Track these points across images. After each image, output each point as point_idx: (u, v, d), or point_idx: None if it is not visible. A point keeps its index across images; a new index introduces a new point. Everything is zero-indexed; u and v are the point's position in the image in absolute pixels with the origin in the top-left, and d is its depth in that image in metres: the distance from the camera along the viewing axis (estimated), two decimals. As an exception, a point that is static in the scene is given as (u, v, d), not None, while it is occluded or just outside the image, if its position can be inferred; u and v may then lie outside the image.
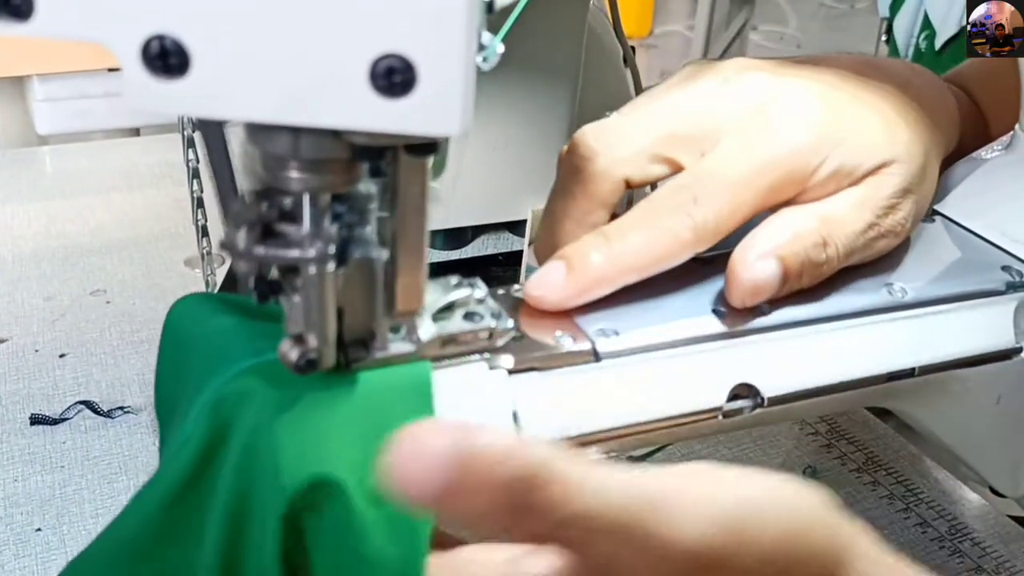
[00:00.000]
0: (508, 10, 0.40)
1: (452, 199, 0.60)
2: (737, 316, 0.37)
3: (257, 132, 0.27)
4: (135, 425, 0.64)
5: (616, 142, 0.40)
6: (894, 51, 1.93)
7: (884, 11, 1.72)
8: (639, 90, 0.82)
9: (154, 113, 0.26)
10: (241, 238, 0.28)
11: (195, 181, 0.62)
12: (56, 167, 1.03)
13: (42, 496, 0.58)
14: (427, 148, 0.27)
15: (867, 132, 0.40)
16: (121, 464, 0.60)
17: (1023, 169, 0.44)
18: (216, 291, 0.62)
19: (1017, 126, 0.45)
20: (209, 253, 0.64)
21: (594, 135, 0.40)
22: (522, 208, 0.62)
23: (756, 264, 0.37)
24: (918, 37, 1.84)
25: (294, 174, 0.27)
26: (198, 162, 0.61)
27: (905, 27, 1.74)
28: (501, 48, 0.31)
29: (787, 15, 4.58)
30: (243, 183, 0.30)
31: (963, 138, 0.47)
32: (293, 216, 0.28)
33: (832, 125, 0.39)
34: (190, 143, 0.58)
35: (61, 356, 0.70)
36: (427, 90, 0.24)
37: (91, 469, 0.60)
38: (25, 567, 0.53)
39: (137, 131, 1.18)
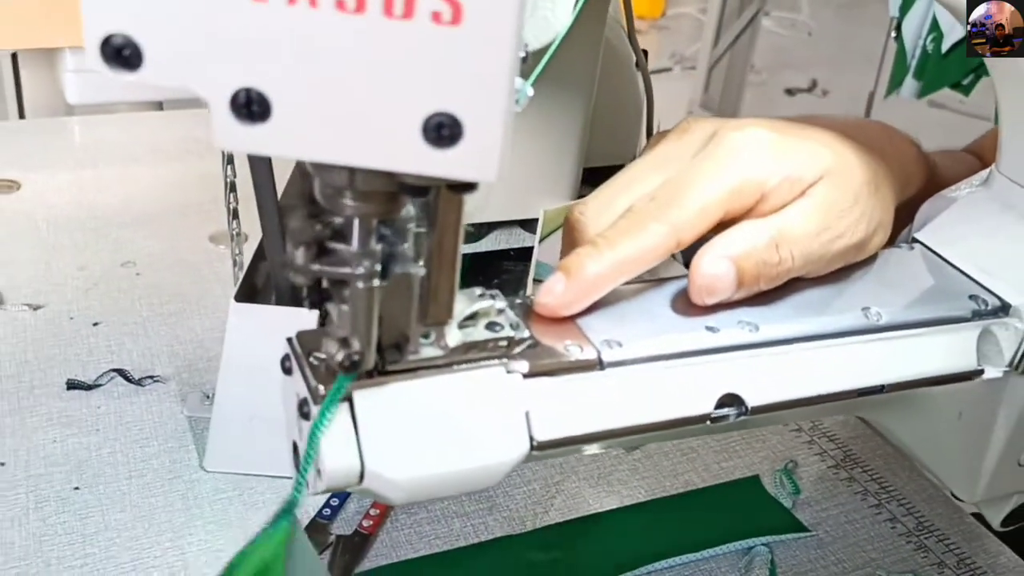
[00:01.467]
0: (539, 52, 0.44)
1: (470, 197, 0.64)
2: (726, 333, 0.42)
3: (320, 165, 0.31)
4: (164, 394, 0.68)
5: (601, 211, 0.45)
6: (901, 50, 1.96)
7: (894, 11, 1.74)
8: (649, 93, 0.86)
9: (173, 91, 0.29)
10: (299, 256, 0.32)
11: (229, 167, 0.66)
12: (84, 138, 1.06)
13: (79, 457, 0.62)
14: (466, 187, 0.31)
15: (811, 148, 0.45)
16: (152, 430, 0.65)
17: (996, 206, 0.48)
18: (243, 271, 0.66)
19: (994, 166, 0.49)
20: (238, 234, 0.68)
21: (579, 210, 0.46)
22: (534, 207, 0.66)
23: (710, 266, 0.42)
24: (926, 39, 1.87)
25: (348, 202, 0.31)
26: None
27: (913, 28, 1.76)
28: (531, 92, 0.36)
29: (799, 2, 4.59)
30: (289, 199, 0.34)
31: None
32: (344, 235, 0.33)
33: (780, 142, 0.44)
34: (230, 160, 0.62)
35: (95, 325, 0.74)
36: (470, 143, 0.28)
37: (124, 433, 0.64)
38: (65, 522, 0.57)
39: (160, 105, 1.22)
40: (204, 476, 0.61)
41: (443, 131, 0.28)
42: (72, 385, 0.68)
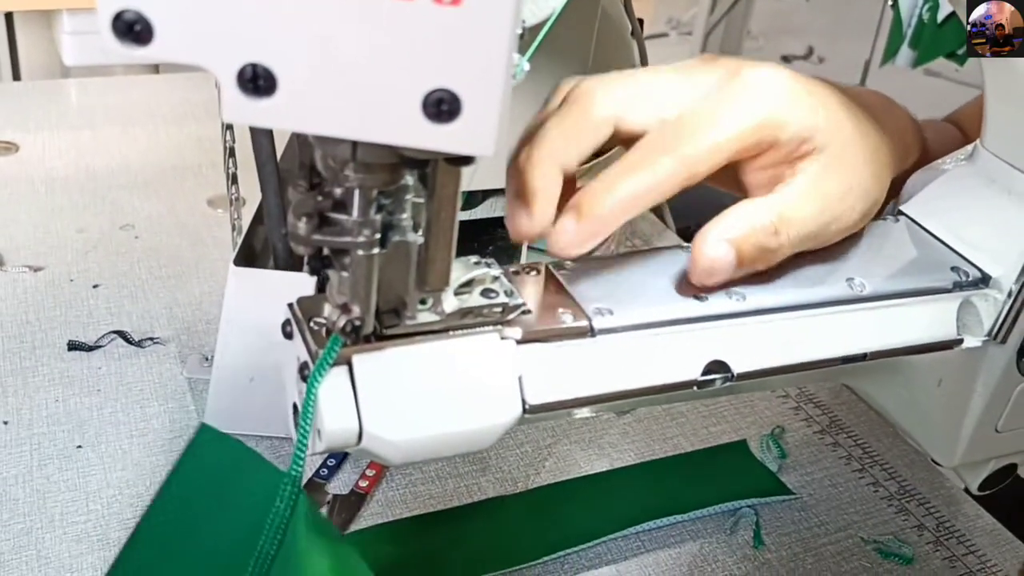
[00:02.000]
0: (536, 27, 0.45)
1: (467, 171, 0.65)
2: (714, 302, 0.43)
3: (323, 137, 0.32)
4: (164, 355, 0.69)
5: (616, 86, 0.45)
6: (897, 19, 1.95)
7: (891, -21, 1.74)
8: (644, 61, 0.87)
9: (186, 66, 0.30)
10: (301, 227, 0.33)
11: (228, 132, 0.67)
12: (81, 100, 1.07)
13: (81, 416, 0.63)
14: (463, 160, 0.32)
15: (825, 111, 0.44)
16: (152, 391, 0.66)
17: (979, 180, 0.49)
18: (242, 235, 0.67)
19: (979, 141, 0.50)
20: (237, 199, 0.69)
21: (596, 79, 0.45)
22: (529, 176, 0.67)
23: (711, 249, 0.42)
24: (922, 8, 1.87)
25: (350, 173, 0.32)
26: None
27: (910, -3, 1.76)
28: (527, 66, 0.37)
29: (797, -32, 4.56)
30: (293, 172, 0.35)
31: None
32: (344, 206, 0.34)
33: (799, 92, 0.44)
34: (228, 125, 0.63)
35: (94, 287, 0.76)
36: (469, 118, 0.29)
37: (125, 394, 0.66)
38: (68, 480, 0.59)
39: (156, 68, 1.22)
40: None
41: (443, 107, 0.29)
42: (73, 346, 0.69)
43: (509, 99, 0.31)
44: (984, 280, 0.46)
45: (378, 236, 0.34)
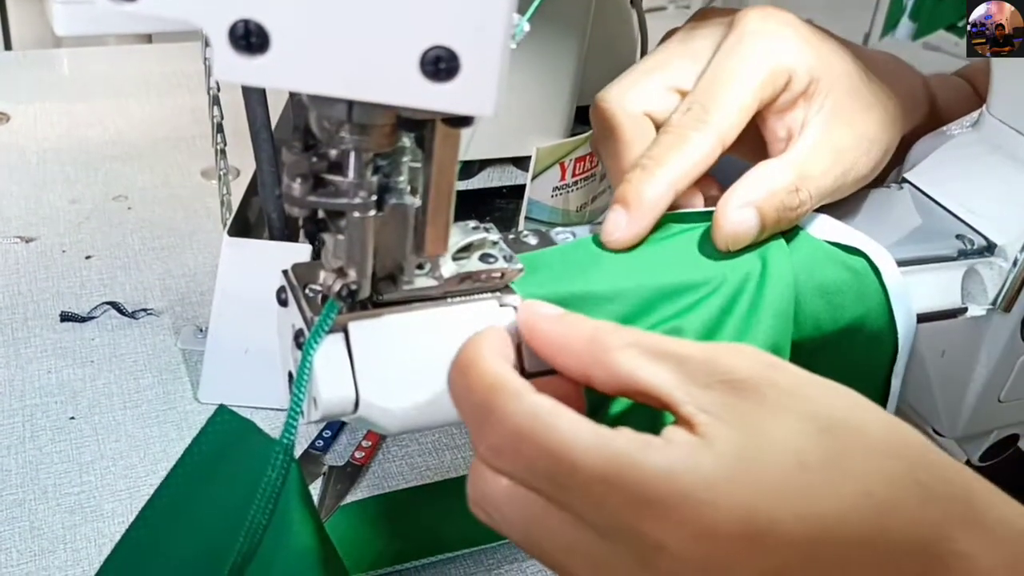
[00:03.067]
0: (534, -13, 0.44)
1: (464, 134, 0.64)
2: None
3: (317, 98, 0.31)
4: (158, 327, 0.68)
5: (623, 95, 0.45)
6: (897, -10, 1.93)
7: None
8: (644, 31, 0.86)
9: (171, 22, 0.29)
10: (296, 188, 0.32)
11: (216, 108, 0.66)
12: (73, 70, 1.06)
13: (74, 388, 0.63)
14: (462, 121, 0.31)
15: (828, 50, 0.45)
16: (146, 362, 0.65)
17: (984, 148, 0.48)
18: (232, 211, 0.66)
19: (985, 107, 0.49)
20: (226, 173, 0.68)
21: (601, 96, 0.46)
22: (527, 145, 0.66)
23: (734, 214, 0.42)
24: (922, -20, 1.85)
25: (346, 135, 0.32)
26: (219, 89, 0.65)
27: (911, -31, 1.75)
28: (527, 27, 0.36)
29: (796, -59, 4.53)
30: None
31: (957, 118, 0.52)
32: (340, 168, 0.33)
33: (800, 29, 0.45)
34: (215, 100, 0.62)
35: (87, 258, 0.75)
36: (468, 77, 0.29)
37: (118, 365, 0.65)
38: (61, 451, 0.58)
39: (149, 37, 1.21)
40: (198, 407, 0.62)
41: (440, 65, 0.28)
42: (66, 317, 0.68)
43: (508, 60, 0.30)
44: (989, 248, 0.46)
45: (374, 198, 0.33)
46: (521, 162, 0.74)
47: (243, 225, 0.65)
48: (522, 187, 0.61)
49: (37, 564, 0.51)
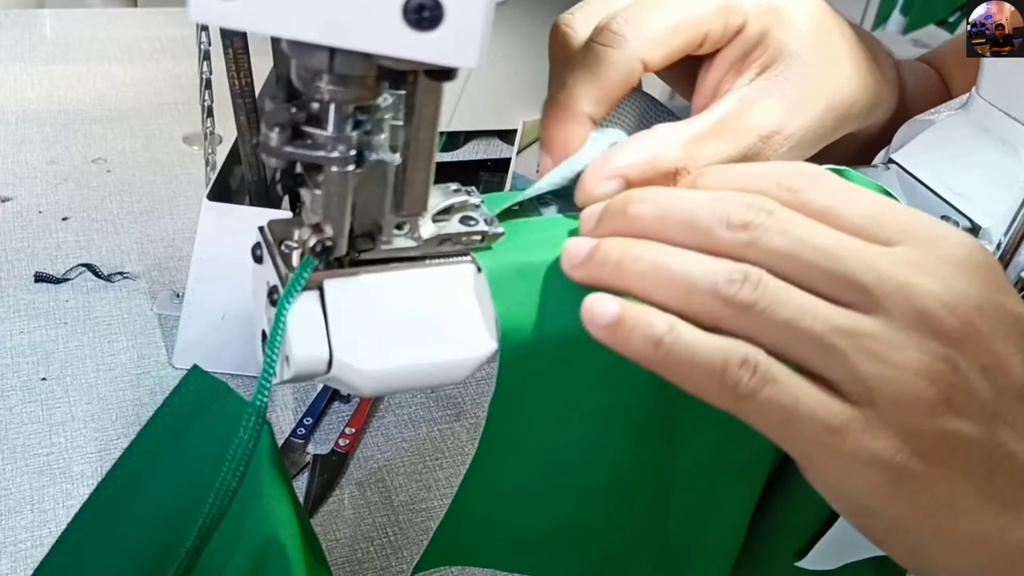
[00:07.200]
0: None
1: (449, 104, 0.63)
2: None
3: (297, 46, 0.30)
4: (134, 291, 0.68)
5: (641, 28, 0.41)
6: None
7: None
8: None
9: None
10: (273, 137, 0.31)
11: (205, 63, 0.65)
12: (56, 33, 1.04)
13: (46, 349, 0.62)
14: (445, 74, 0.31)
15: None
16: (121, 325, 0.64)
17: (971, 130, 0.48)
18: (216, 171, 0.65)
19: (974, 89, 0.49)
20: (212, 133, 0.67)
21: (565, 21, 0.43)
22: (514, 118, 0.65)
23: (600, 184, 0.39)
24: (914, -26, 1.85)
25: (325, 86, 0.31)
26: (209, 44, 0.64)
27: (903, -38, 1.75)
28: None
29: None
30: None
31: (923, 108, 0.51)
32: (319, 120, 0.32)
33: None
34: (205, 56, 0.61)
35: (64, 219, 0.74)
36: (452, 27, 0.28)
37: (92, 328, 0.64)
38: (31, 412, 0.57)
39: (135, 1, 1.19)
40: (173, 372, 0.61)
41: (424, 13, 0.28)
42: (40, 278, 0.67)
43: (493, 13, 0.29)
44: (974, 230, 0.45)
45: (353, 153, 0.32)
46: (507, 135, 0.73)
47: (223, 192, 0.64)
48: (507, 160, 0.60)
49: (3, 524, 0.50)
